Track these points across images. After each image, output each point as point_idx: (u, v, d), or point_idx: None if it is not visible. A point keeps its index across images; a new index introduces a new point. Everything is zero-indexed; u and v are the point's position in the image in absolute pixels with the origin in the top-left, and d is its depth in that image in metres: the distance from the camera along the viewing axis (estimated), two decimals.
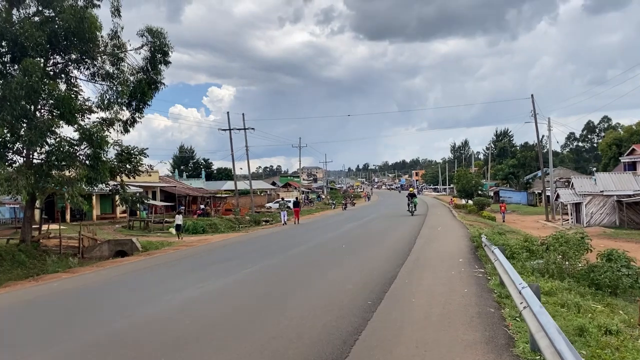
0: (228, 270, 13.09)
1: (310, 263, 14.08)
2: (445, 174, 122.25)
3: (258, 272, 12.77)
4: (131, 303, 9.43)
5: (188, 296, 9.69)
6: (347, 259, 14.41)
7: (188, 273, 13.25)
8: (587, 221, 37.54)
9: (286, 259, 15.48)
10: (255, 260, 15.23)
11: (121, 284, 12.22)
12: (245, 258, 16.15)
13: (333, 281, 10.82)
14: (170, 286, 10.92)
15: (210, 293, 10.03)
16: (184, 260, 16.90)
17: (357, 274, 11.65)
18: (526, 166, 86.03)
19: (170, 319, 7.87)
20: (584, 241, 13.40)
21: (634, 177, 38.66)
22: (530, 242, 14.98)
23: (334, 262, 14.00)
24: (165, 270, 14.37)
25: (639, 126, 75.29)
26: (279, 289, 10.18)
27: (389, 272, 11.64)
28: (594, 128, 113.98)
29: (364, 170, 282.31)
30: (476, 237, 18.12)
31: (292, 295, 9.35)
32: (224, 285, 10.92)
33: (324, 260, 14.32)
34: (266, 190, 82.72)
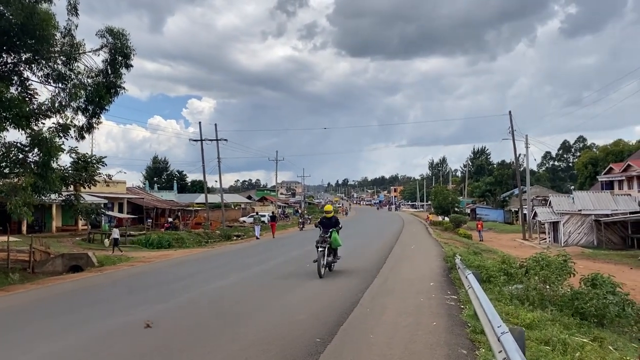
0: (167, 295, 11.52)
1: (266, 285, 12.57)
2: (423, 190, 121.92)
3: (200, 297, 11.22)
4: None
5: (89, 335, 7.94)
6: (307, 281, 12.94)
7: (117, 298, 11.63)
8: (565, 240, 36.75)
9: (241, 280, 13.96)
10: (206, 281, 13.69)
11: (32, 311, 10.56)
12: (196, 278, 14.59)
13: (284, 309, 9.35)
14: (77, 318, 9.27)
15: (118, 333, 7.91)
16: (129, 279, 15.27)
17: (314, 300, 10.22)
18: (503, 184, 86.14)
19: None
20: (567, 264, 12.22)
21: (612, 196, 38.09)
22: (508, 264, 13.75)
23: (292, 285, 12.53)
24: (95, 294, 12.73)
25: (614, 146, 75.84)
26: (216, 320, 8.67)
27: (350, 297, 10.24)
28: (569, 147, 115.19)
29: (344, 185, 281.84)
30: (450, 257, 16.88)
31: (229, 328, 7.85)
32: (154, 314, 9.36)
33: (281, 283, 12.82)
34: (240, 204, 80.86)
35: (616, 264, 26.63)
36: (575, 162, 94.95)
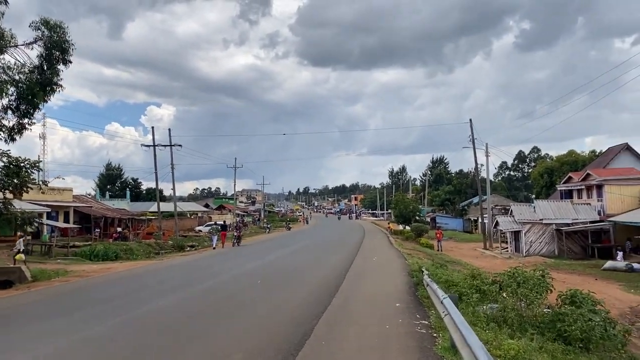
0: (87, 321, 9.68)
1: (205, 310, 10.83)
2: (384, 199, 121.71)
3: (123, 326, 9.42)
4: None
5: None
6: (254, 304, 11.33)
7: (25, 325, 9.72)
8: (527, 250, 36.27)
9: (180, 300, 12.18)
10: (141, 302, 11.85)
11: None
12: (132, 297, 12.72)
13: (219, 343, 7.70)
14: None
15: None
16: (54, 299, 13.24)
17: (258, 331, 8.59)
18: (462, 193, 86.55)
19: None
20: (545, 280, 11.06)
21: (572, 205, 37.93)
22: (480, 280, 12.51)
23: (235, 309, 10.87)
24: (2, 319, 10.73)
25: (568, 156, 77.17)
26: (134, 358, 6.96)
27: (302, 325, 8.70)
28: (524, 158, 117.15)
29: (304, 193, 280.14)
30: (416, 271, 15.56)
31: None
32: (55, 350, 7.54)
33: (223, 307, 11.13)
34: (197, 213, 78.12)
35: (580, 275, 26.04)
36: (530, 172, 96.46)
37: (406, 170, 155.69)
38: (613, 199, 35.58)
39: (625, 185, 35.64)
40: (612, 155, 43.54)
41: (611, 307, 15.92)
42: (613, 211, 35.27)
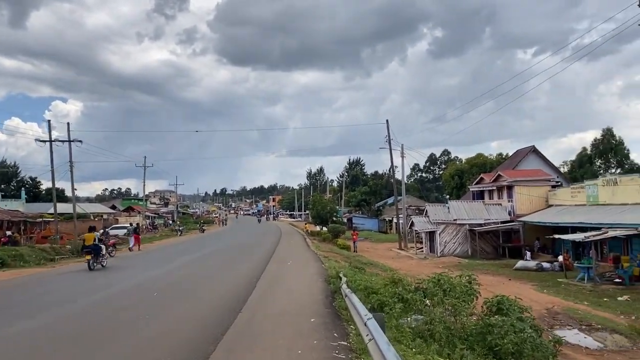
0: None
1: (82, 333, 8.85)
2: (302, 200, 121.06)
3: None
4: None
5: None
6: (144, 323, 9.48)
7: None
8: (441, 250, 36.51)
9: (55, 320, 10.03)
10: (6, 322, 9.58)
11: None
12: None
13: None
14: None
15: None
16: None
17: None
18: (377, 193, 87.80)
19: None
20: (472, 287, 10.17)
21: (484, 206, 38.75)
22: (402, 287, 11.44)
23: (121, 329, 8.99)
24: None
25: (477, 158, 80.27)
26: None
27: (197, 350, 7.08)
28: (436, 160, 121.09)
29: (222, 195, 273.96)
30: (333, 277, 14.28)
31: None
32: None
33: (107, 328, 9.19)
34: (102, 215, 72.86)
35: (494, 275, 26.18)
36: (442, 174, 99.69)
37: (324, 172, 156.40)
38: (522, 199, 36.69)
39: (533, 186, 36.87)
40: (520, 157, 45.22)
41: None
42: (522, 211, 36.35)
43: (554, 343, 9.40)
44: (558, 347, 9.39)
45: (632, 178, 28.37)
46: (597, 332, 13.70)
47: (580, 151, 66.93)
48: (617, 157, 64.22)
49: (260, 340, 7.73)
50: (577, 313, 16.03)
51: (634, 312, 16.44)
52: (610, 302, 18.31)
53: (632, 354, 11.20)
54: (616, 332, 13.47)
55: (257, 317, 9.54)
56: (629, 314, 16.04)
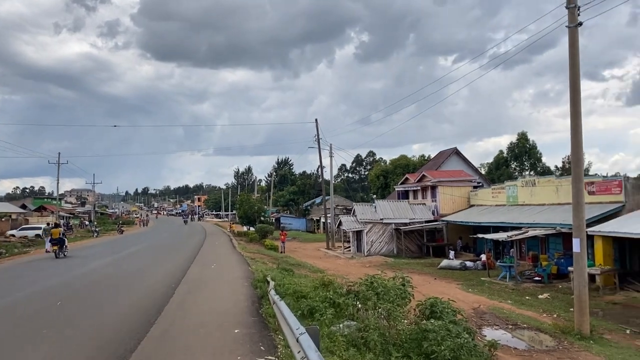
0: None
1: None
2: (229, 199, 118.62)
3: None
4: None
5: None
6: (42, 340, 8.21)
7: None
8: (368, 250, 36.55)
9: None
10: None
11: None
12: None
13: None
14: None
15: None
16: None
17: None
18: (305, 193, 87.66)
19: None
20: (406, 289, 9.71)
21: (410, 205, 39.26)
22: (333, 291, 10.83)
23: (13, 348, 7.69)
24: None
25: (401, 160, 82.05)
26: None
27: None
28: (362, 161, 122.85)
29: (144, 194, 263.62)
30: (260, 281, 13.44)
31: None
32: None
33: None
34: (10, 215, 67.25)
35: (420, 274, 26.31)
36: (368, 174, 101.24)
37: (252, 171, 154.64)
38: (445, 199, 37.48)
39: (456, 186, 37.78)
40: (443, 158, 46.37)
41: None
42: (445, 211, 37.14)
43: (489, 347, 9.14)
44: (493, 352, 9.13)
45: (549, 179, 29.61)
46: (523, 331, 13.80)
47: (497, 154, 70.08)
48: (530, 160, 67.86)
49: (175, 357, 6.78)
50: (503, 312, 16.18)
51: (554, 310, 16.84)
52: (532, 301, 18.73)
53: (559, 353, 11.24)
54: (541, 331, 13.61)
55: (173, 330, 8.52)
56: (551, 312, 16.39)
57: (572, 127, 13.25)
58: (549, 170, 65.88)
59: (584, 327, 12.75)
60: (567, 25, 12.75)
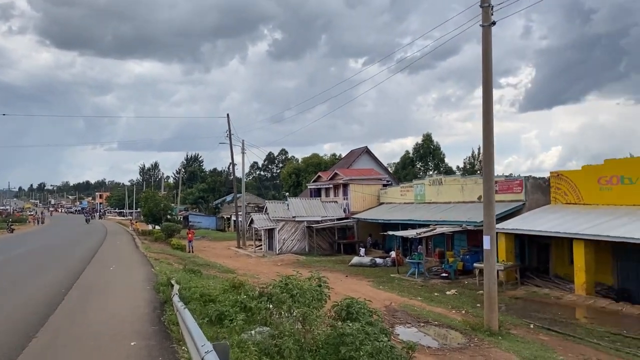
0: None
1: None
2: (133, 197, 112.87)
3: None
4: None
5: None
6: None
7: None
8: (280, 248, 35.97)
9: None
10: None
11: None
12: None
13: None
14: None
15: None
16: None
17: None
18: (216, 191, 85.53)
19: None
20: (323, 291, 9.19)
21: (322, 203, 39.17)
22: (244, 294, 10.07)
23: None
24: None
25: (313, 158, 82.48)
26: None
27: None
28: (274, 159, 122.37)
29: (40, 190, 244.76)
30: (164, 284, 12.33)
31: None
32: None
33: None
34: None
35: (332, 272, 26.07)
36: (279, 172, 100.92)
37: (159, 167, 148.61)
38: (357, 197, 37.80)
39: (366, 184, 38.22)
40: (354, 157, 46.86)
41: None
42: (356, 209, 37.45)
43: (407, 349, 8.85)
44: (411, 354, 8.86)
45: (455, 179, 30.68)
46: (435, 328, 13.85)
47: (404, 154, 72.51)
48: (435, 160, 70.93)
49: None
50: (414, 309, 16.23)
51: (462, 306, 17.20)
52: (441, 297, 19.07)
53: (471, 351, 11.29)
54: (452, 328, 13.72)
55: (58, 343, 7.36)
56: (459, 309, 16.70)
57: (484, 126, 13.46)
58: (452, 170, 69.13)
59: (493, 323, 12.99)
60: (481, 24, 12.92)
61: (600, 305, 16.90)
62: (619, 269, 19.27)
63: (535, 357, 10.55)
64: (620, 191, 19.54)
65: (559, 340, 12.61)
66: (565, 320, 15.05)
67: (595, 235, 17.24)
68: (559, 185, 22.73)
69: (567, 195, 22.24)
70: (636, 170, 19.06)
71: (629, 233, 16.30)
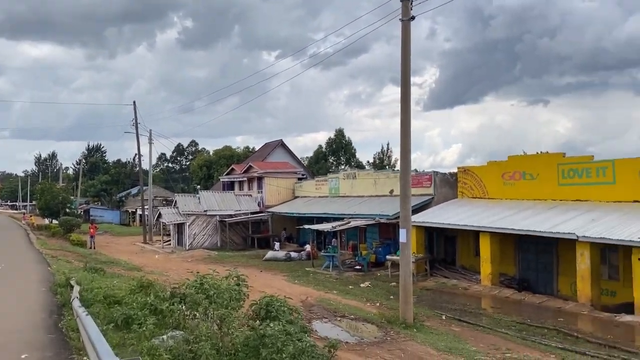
0: None
1: None
2: (27, 188, 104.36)
3: None
4: None
5: None
6: None
7: None
8: (190, 243, 34.67)
9: None
10: None
11: None
12: None
13: None
14: None
15: None
16: None
17: None
18: (120, 183, 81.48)
19: None
20: (242, 290, 8.70)
21: (235, 196, 38.27)
22: (154, 295, 9.33)
23: None
24: None
25: (225, 150, 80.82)
26: None
27: None
28: (183, 151, 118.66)
29: None
30: (62, 285, 11.20)
31: None
32: None
33: None
34: None
35: (246, 267, 25.38)
36: (189, 164, 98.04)
37: (57, 157, 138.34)
38: (271, 190, 37.36)
39: (282, 178, 37.91)
40: (269, 149, 46.28)
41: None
42: (271, 202, 37.01)
43: (329, 348, 8.61)
44: (333, 352, 8.63)
45: (368, 173, 31.21)
46: (352, 322, 13.81)
47: (317, 148, 73.10)
48: (346, 155, 72.13)
49: None
50: (330, 304, 16.15)
51: (377, 298, 17.41)
52: (355, 290, 19.20)
53: (388, 345, 11.32)
54: (368, 321, 13.76)
55: None
56: (374, 301, 16.88)
57: (402, 119, 13.59)
58: (362, 165, 70.69)
59: (408, 315, 13.16)
60: (401, 19, 12.99)
61: (504, 295, 17.83)
62: (520, 260, 20.47)
63: (450, 349, 10.77)
64: (523, 186, 20.73)
65: (470, 331, 13.05)
66: (474, 311, 15.68)
67: (501, 229, 18.14)
68: (465, 180, 23.74)
69: (473, 189, 23.27)
70: (537, 166, 20.30)
71: (532, 226, 17.31)
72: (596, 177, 17.98)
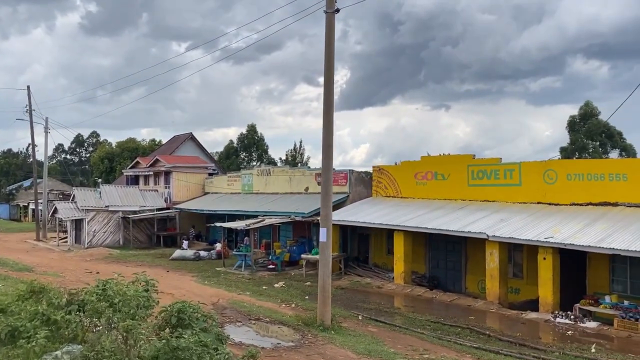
0: None
1: None
2: None
3: None
4: None
5: None
6: None
7: None
8: (89, 241, 32.23)
9: None
10: None
11: None
12: None
13: None
14: None
15: None
16: None
17: None
18: (10, 174, 75.22)
19: None
20: (151, 296, 7.82)
21: (140, 192, 36.13)
22: (48, 302, 8.16)
23: None
24: None
25: (129, 143, 76.83)
26: None
27: None
28: (83, 142, 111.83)
29: None
30: None
31: None
32: None
33: None
34: None
35: (151, 267, 23.99)
36: (90, 157, 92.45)
37: None
38: (180, 186, 35.78)
39: (191, 173, 36.44)
40: (178, 143, 44.33)
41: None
42: (179, 198, 35.46)
43: (249, 357, 7.99)
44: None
45: (283, 169, 30.74)
46: (267, 326, 13.24)
47: (227, 143, 71.57)
48: (258, 151, 71.28)
49: None
50: (244, 306, 15.46)
51: (292, 299, 16.96)
52: (270, 290, 18.64)
53: (307, 349, 10.89)
54: (284, 324, 13.25)
55: None
56: (289, 302, 16.41)
57: (324, 115, 13.25)
58: (275, 161, 70.17)
59: (326, 317, 12.84)
60: (325, 11, 12.66)
61: (417, 294, 18.13)
62: (430, 258, 20.99)
63: (370, 352, 10.56)
64: (434, 186, 21.27)
65: (386, 331, 12.98)
66: (389, 310, 15.73)
67: (415, 227, 18.42)
68: (380, 179, 23.99)
69: (387, 188, 23.56)
70: (448, 167, 20.90)
71: (444, 225, 17.72)
72: (504, 178, 18.83)
